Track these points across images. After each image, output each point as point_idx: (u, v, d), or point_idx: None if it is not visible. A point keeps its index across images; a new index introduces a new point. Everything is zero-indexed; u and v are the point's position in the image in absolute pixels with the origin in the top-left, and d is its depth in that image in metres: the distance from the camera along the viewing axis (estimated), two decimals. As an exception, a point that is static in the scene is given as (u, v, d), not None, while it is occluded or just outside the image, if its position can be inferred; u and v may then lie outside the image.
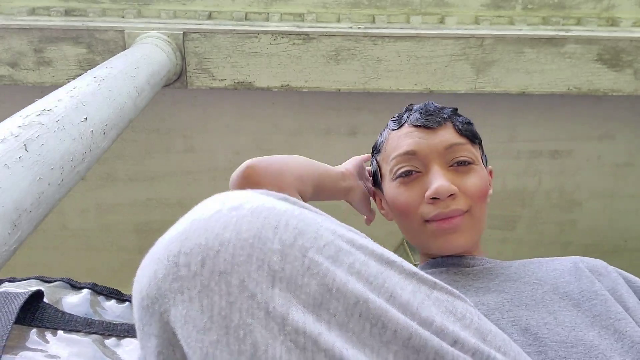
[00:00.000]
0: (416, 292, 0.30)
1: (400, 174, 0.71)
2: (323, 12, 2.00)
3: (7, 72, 1.91)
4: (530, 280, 0.63)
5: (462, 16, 2.02)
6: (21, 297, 0.35)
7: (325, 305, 0.26)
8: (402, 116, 0.79)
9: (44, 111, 0.98)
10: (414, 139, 0.72)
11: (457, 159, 0.70)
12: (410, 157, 0.71)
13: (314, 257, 0.27)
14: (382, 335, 0.26)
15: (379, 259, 0.31)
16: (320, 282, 0.26)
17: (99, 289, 0.33)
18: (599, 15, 2.04)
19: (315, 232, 0.28)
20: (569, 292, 0.60)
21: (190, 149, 2.33)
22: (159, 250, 0.29)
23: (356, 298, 0.27)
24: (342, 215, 2.27)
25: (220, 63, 1.93)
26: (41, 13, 1.97)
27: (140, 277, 0.28)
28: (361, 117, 2.30)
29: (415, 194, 0.69)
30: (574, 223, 2.57)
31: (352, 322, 0.26)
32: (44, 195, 0.86)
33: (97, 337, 0.35)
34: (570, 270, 0.65)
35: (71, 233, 2.49)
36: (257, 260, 0.26)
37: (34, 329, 0.34)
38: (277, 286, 0.26)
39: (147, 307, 0.27)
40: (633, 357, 0.50)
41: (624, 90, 2.01)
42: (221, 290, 0.25)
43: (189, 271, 0.26)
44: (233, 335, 0.24)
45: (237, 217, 0.27)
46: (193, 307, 0.25)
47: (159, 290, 0.27)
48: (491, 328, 0.33)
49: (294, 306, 0.25)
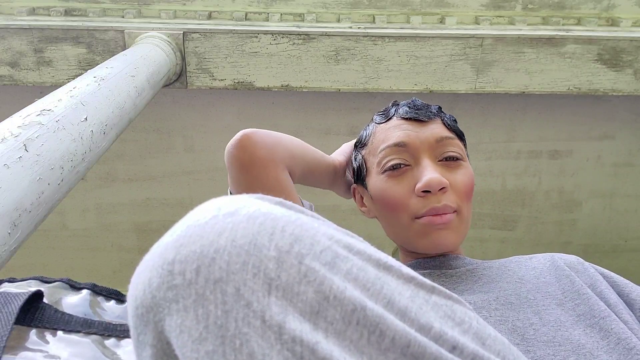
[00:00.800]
0: (414, 297, 0.30)
1: (389, 167, 0.70)
2: (323, 12, 2.00)
3: (7, 72, 1.91)
4: (512, 279, 0.63)
5: (462, 16, 2.02)
6: (21, 297, 0.35)
7: (323, 314, 0.26)
8: (390, 110, 0.78)
9: (44, 111, 0.98)
10: (404, 131, 0.71)
11: (446, 154, 0.70)
12: (400, 149, 0.70)
13: (311, 264, 0.27)
14: (380, 343, 0.26)
15: (376, 264, 0.31)
16: (317, 290, 0.26)
17: (99, 289, 0.33)
18: (599, 16, 2.04)
19: (312, 238, 0.28)
20: (551, 292, 0.60)
21: (190, 149, 2.33)
22: (154, 257, 0.28)
23: (353, 305, 0.27)
24: (342, 215, 2.27)
25: (220, 63, 1.93)
26: (41, 13, 1.97)
27: (134, 284, 0.28)
28: (361, 117, 2.30)
29: (405, 188, 0.68)
30: (573, 223, 2.57)
31: (349, 330, 0.26)
32: (44, 195, 0.86)
33: (97, 337, 0.35)
34: (550, 269, 0.64)
35: (71, 233, 2.49)
36: (252, 268, 0.26)
37: (34, 329, 0.34)
38: (273, 294, 0.25)
39: (142, 316, 0.27)
40: (619, 354, 0.50)
41: (624, 90, 2.01)
42: (216, 299, 0.25)
43: (184, 280, 0.26)
44: (229, 345, 0.24)
45: (232, 224, 0.27)
46: (188, 317, 0.25)
47: (154, 299, 0.26)
48: (490, 332, 0.32)
49: (290, 314, 0.25)
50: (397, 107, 0.77)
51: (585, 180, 2.46)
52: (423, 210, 0.66)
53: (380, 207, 0.73)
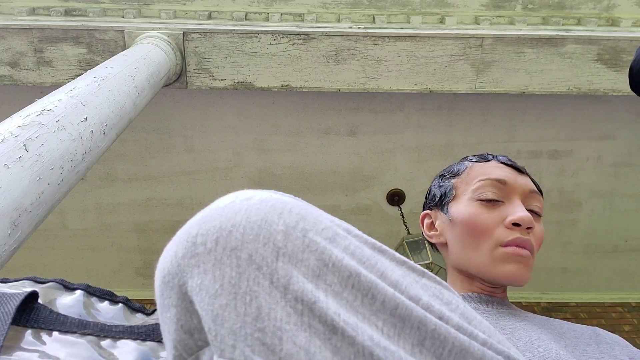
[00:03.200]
0: (405, 276, 0.34)
1: (486, 198, 0.75)
2: (323, 12, 2.00)
3: (7, 72, 1.91)
4: (554, 332, 0.68)
5: (462, 16, 2.02)
6: (17, 297, 0.35)
7: (323, 277, 0.30)
8: (486, 155, 0.85)
9: (44, 111, 0.98)
10: (505, 172, 0.78)
11: (534, 206, 0.76)
12: (500, 185, 0.76)
13: (313, 237, 0.31)
14: (372, 305, 0.30)
15: (372, 247, 0.35)
16: (318, 258, 0.31)
17: (92, 290, 0.33)
18: (599, 16, 2.04)
19: (315, 218, 0.33)
20: (589, 351, 0.65)
21: (190, 149, 2.33)
22: (180, 234, 0.33)
23: (349, 272, 0.31)
24: (342, 215, 2.28)
25: (220, 63, 1.93)
26: (41, 13, 1.97)
27: (163, 258, 0.33)
28: (361, 117, 2.30)
29: (495, 218, 0.73)
30: (574, 223, 2.57)
31: (345, 292, 0.30)
32: (44, 195, 0.86)
33: (93, 338, 0.35)
34: (590, 334, 0.70)
35: (71, 233, 2.49)
36: (263, 239, 0.30)
37: (29, 329, 0.35)
38: (280, 260, 0.30)
39: (168, 282, 0.32)
40: None
41: (624, 90, 2.01)
42: (232, 263, 0.29)
43: (205, 248, 0.30)
44: (240, 299, 0.28)
45: (247, 206, 0.32)
46: (207, 277, 0.30)
47: (179, 266, 0.31)
48: (476, 316, 0.35)
49: (295, 277, 0.29)
50: (493, 155, 0.84)
51: (585, 180, 2.46)
52: (509, 238, 0.71)
53: (462, 230, 0.77)
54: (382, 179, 2.47)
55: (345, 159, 2.40)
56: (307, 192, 2.42)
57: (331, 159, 2.39)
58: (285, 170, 2.40)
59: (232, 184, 2.41)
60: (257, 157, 2.36)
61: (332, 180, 2.44)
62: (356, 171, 2.43)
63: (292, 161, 2.38)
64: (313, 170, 2.41)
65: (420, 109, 2.24)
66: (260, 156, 2.36)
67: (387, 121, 2.32)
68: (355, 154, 2.39)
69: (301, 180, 2.43)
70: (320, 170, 2.40)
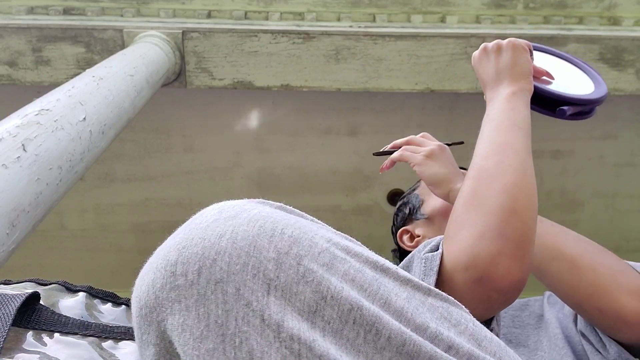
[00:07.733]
0: (411, 298, 0.31)
1: None
2: (323, 10, 1.99)
3: (5, 71, 1.90)
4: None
5: (463, 15, 2.01)
6: (18, 299, 0.34)
7: (320, 313, 0.26)
8: None
9: (42, 111, 0.97)
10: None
11: None
12: None
13: (309, 265, 0.27)
14: (376, 342, 0.27)
15: (373, 266, 0.31)
16: (314, 290, 0.27)
17: (95, 292, 0.33)
18: (600, 15, 2.03)
19: (310, 240, 0.29)
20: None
21: (189, 148, 2.32)
22: (157, 259, 0.29)
23: (350, 305, 0.27)
24: (342, 215, 2.26)
25: (220, 62, 1.92)
26: (40, 12, 1.96)
27: (139, 285, 0.29)
28: (361, 116, 2.29)
29: None
30: (575, 223, 2.56)
31: (346, 329, 0.27)
32: (42, 196, 0.85)
33: (94, 339, 0.34)
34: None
35: (69, 233, 2.48)
36: (252, 269, 0.26)
37: (31, 331, 0.34)
38: (272, 294, 0.26)
39: (145, 316, 0.28)
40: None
41: (626, 90, 2.00)
42: (217, 298, 0.25)
43: (186, 280, 0.26)
44: (229, 343, 0.25)
45: (233, 226, 0.28)
46: (190, 316, 0.26)
47: (157, 299, 0.27)
48: (486, 334, 0.33)
49: (289, 314, 0.26)
50: None
51: (587, 180, 2.45)
52: None
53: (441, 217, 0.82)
54: (382, 179, 2.46)
55: (345, 159, 2.39)
56: (307, 192, 2.41)
57: (331, 159, 2.39)
58: (285, 170, 2.39)
59: (232, 184, 2.40)
60: (256, 156, 2.35)
61: (332, 180, 2.43)
62: (356, 171, 2.42)
63: (292, 161, 2.37)
64: (313, 170, 2.40)
65: (421, 108, 2.23)
66: (260, 156, 2.35)
67: (388, 121, 2.31)
68: (356, 154, 2.38)
69: (301, 180, 2.42)
70: (320, 170, 2.39)
